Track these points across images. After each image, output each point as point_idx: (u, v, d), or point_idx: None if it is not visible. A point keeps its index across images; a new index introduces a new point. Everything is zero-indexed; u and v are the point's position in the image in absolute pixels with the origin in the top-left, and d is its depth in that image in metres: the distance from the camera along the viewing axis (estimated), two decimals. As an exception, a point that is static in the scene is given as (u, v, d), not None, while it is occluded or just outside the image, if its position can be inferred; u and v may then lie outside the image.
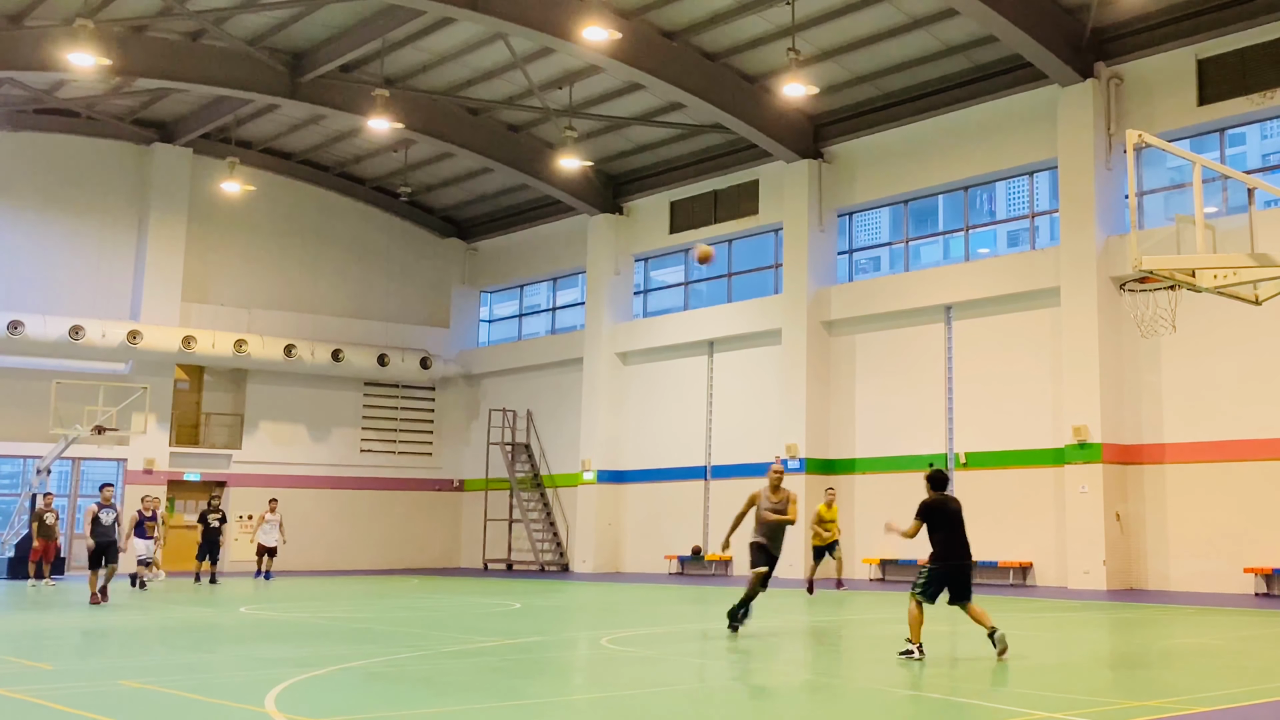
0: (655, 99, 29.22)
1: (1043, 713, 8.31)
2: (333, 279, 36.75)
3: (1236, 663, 11.71)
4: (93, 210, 33.09)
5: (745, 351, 30.48)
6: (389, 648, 12.85)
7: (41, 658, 12.05)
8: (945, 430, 26.34)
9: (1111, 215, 23.82)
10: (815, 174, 28.81)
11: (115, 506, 20.32)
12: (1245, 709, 8.60)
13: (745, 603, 13.97)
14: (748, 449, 29.90)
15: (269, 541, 28.22)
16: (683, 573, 30.94)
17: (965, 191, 27.09)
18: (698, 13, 25.74)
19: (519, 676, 10.71)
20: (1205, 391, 22.54)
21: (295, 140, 34.63)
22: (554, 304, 37.57)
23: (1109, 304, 23.18)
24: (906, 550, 26.49)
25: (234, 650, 13.10)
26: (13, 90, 30.06)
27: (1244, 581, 21.44)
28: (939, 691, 9.75)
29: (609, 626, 13.79)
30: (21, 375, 31.37)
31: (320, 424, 36.13)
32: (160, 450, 32.85)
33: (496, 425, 36.55)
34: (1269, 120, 23.20)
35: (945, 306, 26.62)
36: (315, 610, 18.78)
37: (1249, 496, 21.63)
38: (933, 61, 26.18)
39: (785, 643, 14.40)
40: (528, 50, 27.69)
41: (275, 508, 28.60)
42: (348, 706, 8.95)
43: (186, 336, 32.46)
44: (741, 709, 8.90)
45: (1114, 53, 23.96)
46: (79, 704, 8.64)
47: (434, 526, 37.82)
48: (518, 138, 32.72)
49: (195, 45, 28.30)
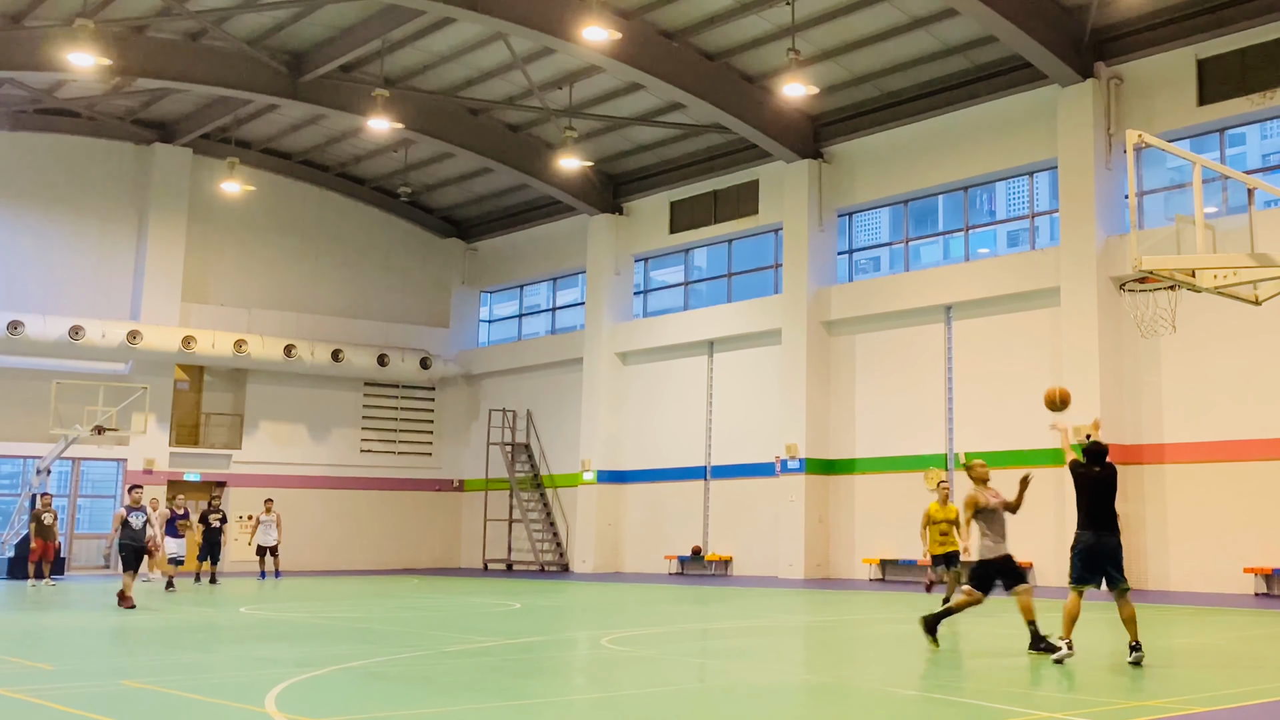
0: (655, 99, 29.23)
1: (1043, 713, 8.32)
2: (332, 279, 36.75)
3: (1236, 663, 11.71)
4: (93, 210, 33.08)
5: (745, 351, 30.48)
6: (389, 648, 12.85)
7: (42, 658, 12.05)
8: (945, 430, 26.34)
9: (1111, 215, 23.82)
10: (815, 174, 28.82)
11: (145, 509, 19.47)
12: (1245, 709, 8.60)
13: (946, 614, 12.46)
14: (748, 449, 29.92)
15: (267, 541, 28.25)
16: (683, 573, 30.94)
17: (965, 191, 27.09)
18: (697, 13, 25.74)
19: (519, 676, 10.71)
20: (1205, 391, 22.54)
21: (295, 140, 34.63)
22: (554, 304, 37.58)
23: (1109, 304, 23.17)
24: (905, 550, 26.53)
25: (234, 650, 13.10)
26: (13, 90, 30.06)
27: (1244, 581, 21.45)
28: (940, 691, 9.75)
29: (609, 626, 13.79)
30: (21, 375, 31.37)
31: (320, 424, 36.13)
32: (160, 450, 32.84)
33: (496, 425, 36.55)
34: (1269, 120, 23.19)
35: (945, 306, 26.62)
36: (315, 610, 18.78)
37: (1249, 496, 21.63)
38: (933, 61, 26.17)
39: (786, 642, 14.40)
40: (528, 50, 27.69)
41: (270, 507, 28.65)
42: (348, 706, 8.95)
43: (186, 336, 32.45)
44: (741, 709, 8.90)
45: (1114, 53, 23.96)
46: (79, 704, 8.64)
47: (434, 526, 37.81)
48: (518, 138, 32.72)
49: (195, 45, 28.30)
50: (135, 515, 19.06)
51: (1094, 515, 10.87)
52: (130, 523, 18.95)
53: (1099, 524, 10.85)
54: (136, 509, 19.19)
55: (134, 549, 18.98)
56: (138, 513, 19.12)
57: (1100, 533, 10.83)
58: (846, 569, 27.70)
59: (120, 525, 19.05)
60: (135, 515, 19.06)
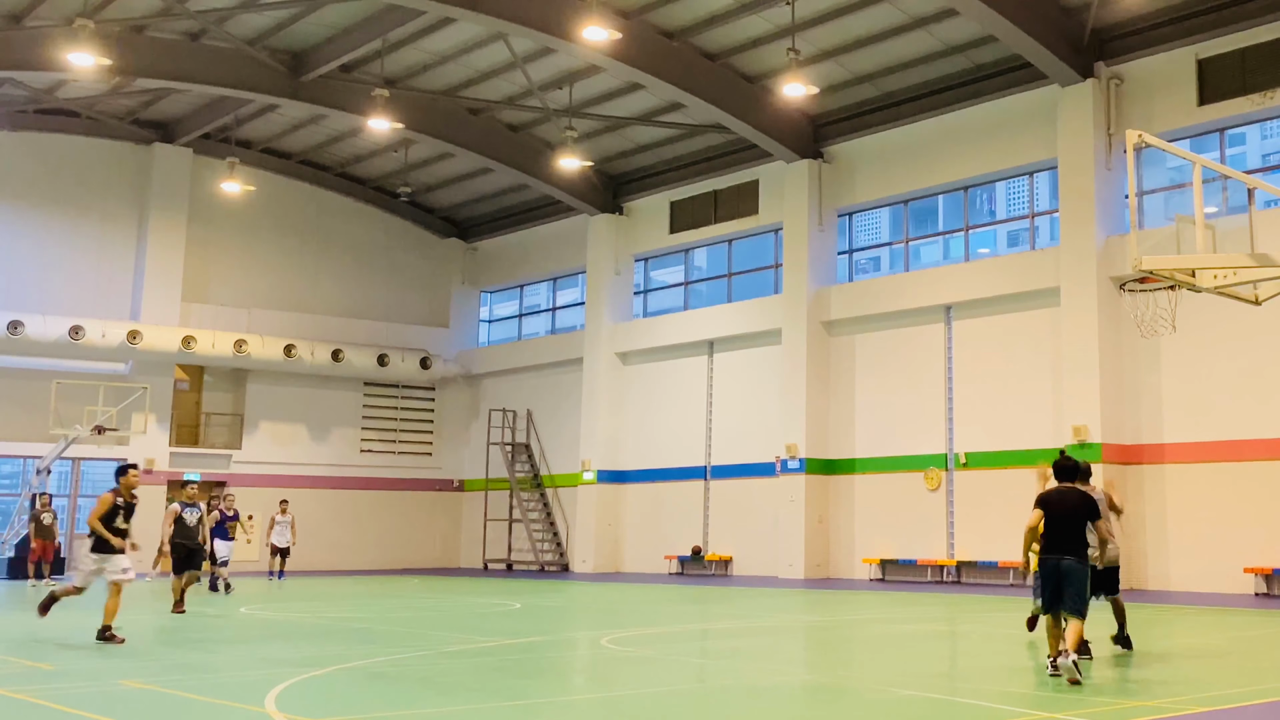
0: (655, 99, 29.22)
1: (1043, 713, 8.32)
2: (332, 279, 36.75)
3: (1236, 663, 11.71)
4: (93, 210, 33.08)
5: (745, 351, 30.48)
6: (389, 648, 12.85)
7: (42, 658, 12.05)
8: (945, 430, 26.33)
9: (1111, 215, 23.82)
10: (815, 174, 28.81)
11: (199, 506, 17.71)
12: (1245, 709, 8.60)
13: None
14: (748, 449, 29.92)
15: (281, 542, 28.17)
16: (683, 573, 30.94)
17: (965, 191, 27.09)
18: (698, 13, 25.73)
19: (519, 676, 10.71)
20: (1205, 391, 22.54)
21: (295, 140, 34.63)
22: (554, 304, 37.57)
23: (1109, 304, 23.17)
24: (905, 550, 26.53)
25: (234, 650, 13.09)
26: (13, 90, 30.06)
27: (1244, 581, 21.45)
28: (939, 692, 9.75)
29: (609, 626, 13.78)
30: (21, 375, 31.36)
31: (320, 424, 36.13)
32: (160, 450, 32.83)
33: (496, 425, 36.56)
34: (1269, 120, 23.19)
35: (945, 306, 26.61)
36: (315, 610, 18.77)
37: (1249, 496, 21.63)
38: (933, 61, 26.17)
39: (786, 642, 14.40)
40: (528, 50, 27.69)
41: (286, 509, 28.54)
42: (348, 706, 8.95)
43: (186, 336, 32.45)
44: (741, 709, 8.90)
45: (1114, 53, 23.96)
46: (79, 704, 8.64)
47: (434, 526, 37.81)
48: (518, 138, 32.72)
49: (195, 45, 28.30)
50: (190, 511, 17.41)
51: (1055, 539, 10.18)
52: (184, 519, 17.28)
53: (1061, 548, 10.13)
54: (191, 505, 17.54)
55: (187, 549, 17.24)
56: (192, 509, 17.46)
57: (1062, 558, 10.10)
58: (846, 569, 27.69)
59: (173, 522, 17.35)
60: (190, 511, 17.41)
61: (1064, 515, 10.25)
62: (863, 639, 14.72)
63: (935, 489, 26.15)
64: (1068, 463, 10.67)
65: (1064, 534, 10.17)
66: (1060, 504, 10.31)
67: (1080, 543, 10.19)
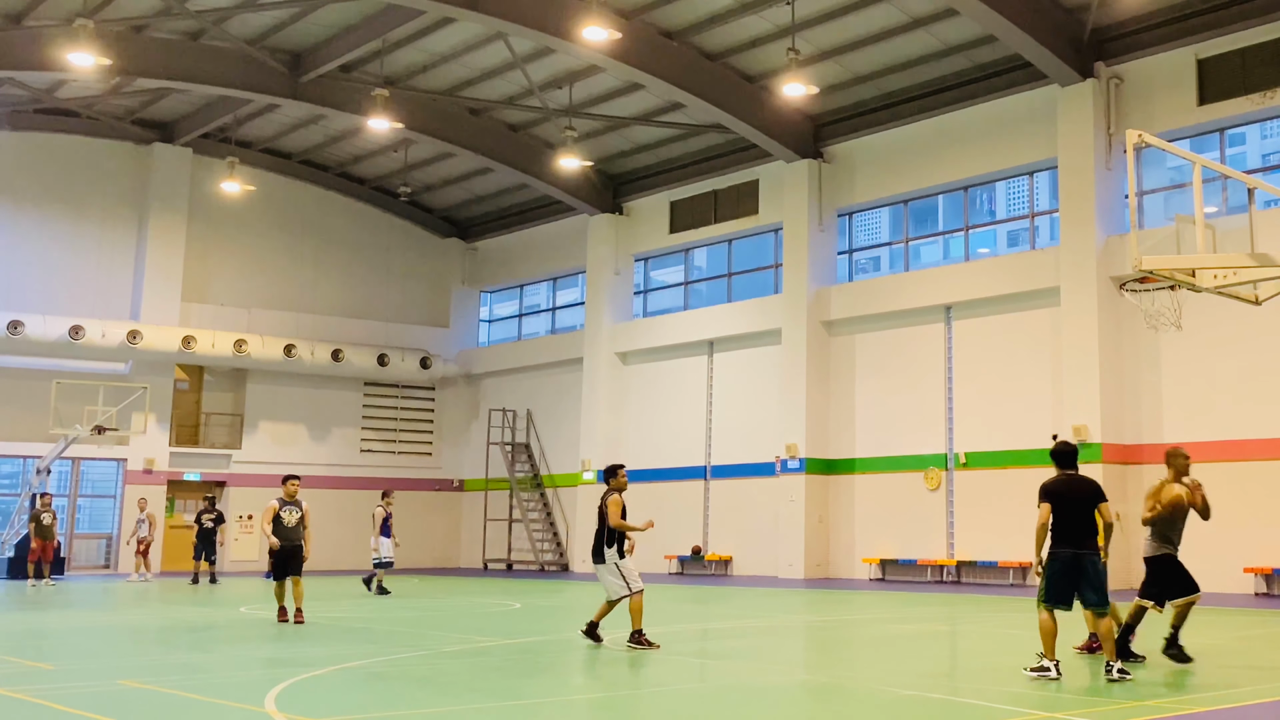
0: (655, 99, 29.22)
1: (1043, 713, 8.31)
2: (332, 279, 36.74)
3: (1237, 663, 11.72)
4: (93, 210, 33.07)
5: (745, 351, 30.48)
6: (389, 648, 12.85)
7: (42, 658, 12.05)
8: (945, 430, 26.33)
9: (1111, 215, 23.81)
10: (815, 174, 28.81)
11: (300, 504, 16.29)
12: (1245, 709, 8.60)
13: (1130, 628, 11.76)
14: (748, 449, 29.91)
15: None
16: (682, 572, 30.93)
17: (965, 191, 27.09)
18: (697, 13, 25.73)
19: (519, 676, 10.70)
20: (1205, 391, 22.53)
21: (295, 140, 34.62)
22: (554, 304, 37.57)
23: (1109, 304, 23.17)
24: (905, 550, 26.52)
25: (234, 650, 13.10)
26: (13, 90, 30.05)
27: (1244, 581, 21.44)
28: (939, 691, 9.75)
29: (609, 627, 13.80)
30: (21, 375, 31.35)
31: (320, 424, 36.12)
32: (160, 450, 32.82)
33: (496, 425, 36.55)
34: (1269, 120, 23.18)
35: (945, 306, 26.61)
36: (315, 610, 18.76)
37: (1249, 496, 21.60)
38: (933, 61, 26.17)
39: (786, 642, 14.40)
40: (528, 50, 27.68)
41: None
42: (348, 706, 8.95)
43: (186, 336, 32.44)
44: (742, 709, 8.89)
45: (1114, 53, 23.95)
46: (79, 704, 8.64)
47: (434, 526, 37.78)
48: (518, 138, 32.71)
49: (195, 45, 28.29)
50: (289, 510, 16.09)
51: (1067, 530, 9.87)
52: (282, 518, 15.94)
53: (1076, 540, 9.87)
54: (291, 502, 16.18)
55: (285, 551, 15.88)
56: (291, 507, 16.15)
57: (1079, 549, 9.89)
58: (846, 569, 27.69)
59: (271, 520, 15.93)
60: (289, 510, 16.09)
61: (1077, 504, 9.96)
62: (863, 639, 14.72)
63: (935, 489, 26.14)
64: (1068, 447, 10.40)
65: (1077, 524, 9.90)
66: (1071, 493, 10.02)
67: (1094, 532, 10.00)
